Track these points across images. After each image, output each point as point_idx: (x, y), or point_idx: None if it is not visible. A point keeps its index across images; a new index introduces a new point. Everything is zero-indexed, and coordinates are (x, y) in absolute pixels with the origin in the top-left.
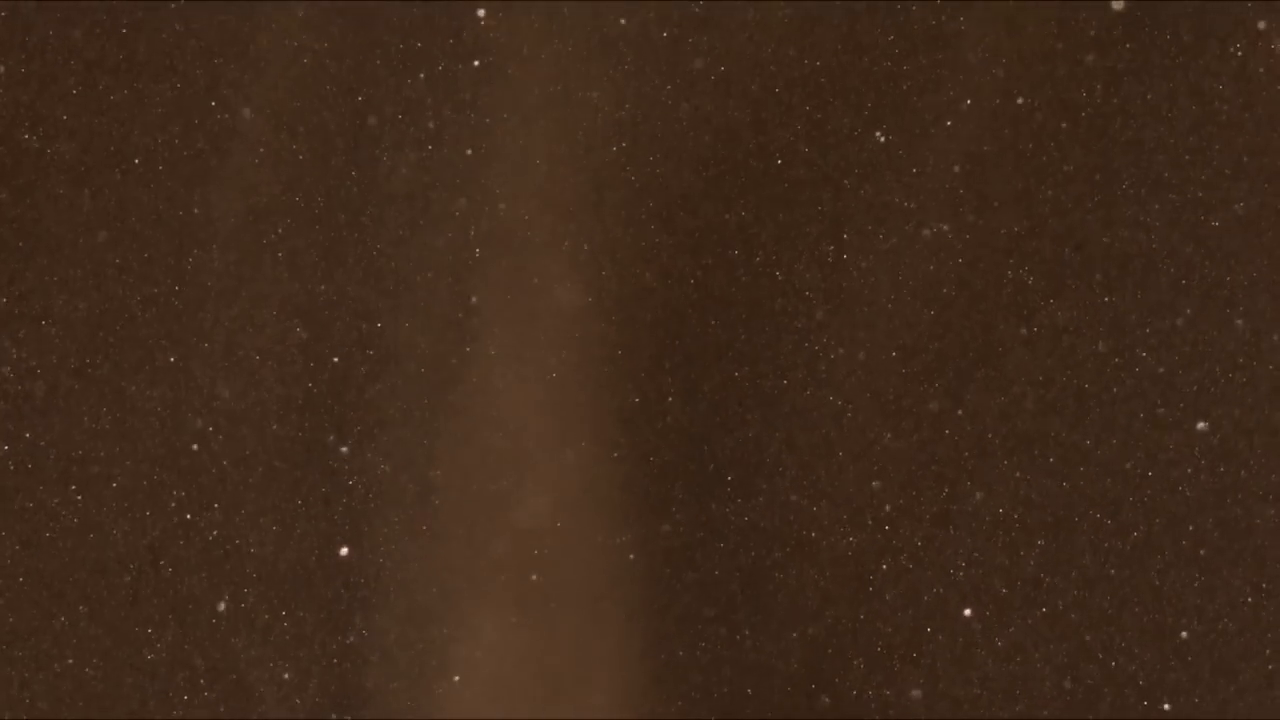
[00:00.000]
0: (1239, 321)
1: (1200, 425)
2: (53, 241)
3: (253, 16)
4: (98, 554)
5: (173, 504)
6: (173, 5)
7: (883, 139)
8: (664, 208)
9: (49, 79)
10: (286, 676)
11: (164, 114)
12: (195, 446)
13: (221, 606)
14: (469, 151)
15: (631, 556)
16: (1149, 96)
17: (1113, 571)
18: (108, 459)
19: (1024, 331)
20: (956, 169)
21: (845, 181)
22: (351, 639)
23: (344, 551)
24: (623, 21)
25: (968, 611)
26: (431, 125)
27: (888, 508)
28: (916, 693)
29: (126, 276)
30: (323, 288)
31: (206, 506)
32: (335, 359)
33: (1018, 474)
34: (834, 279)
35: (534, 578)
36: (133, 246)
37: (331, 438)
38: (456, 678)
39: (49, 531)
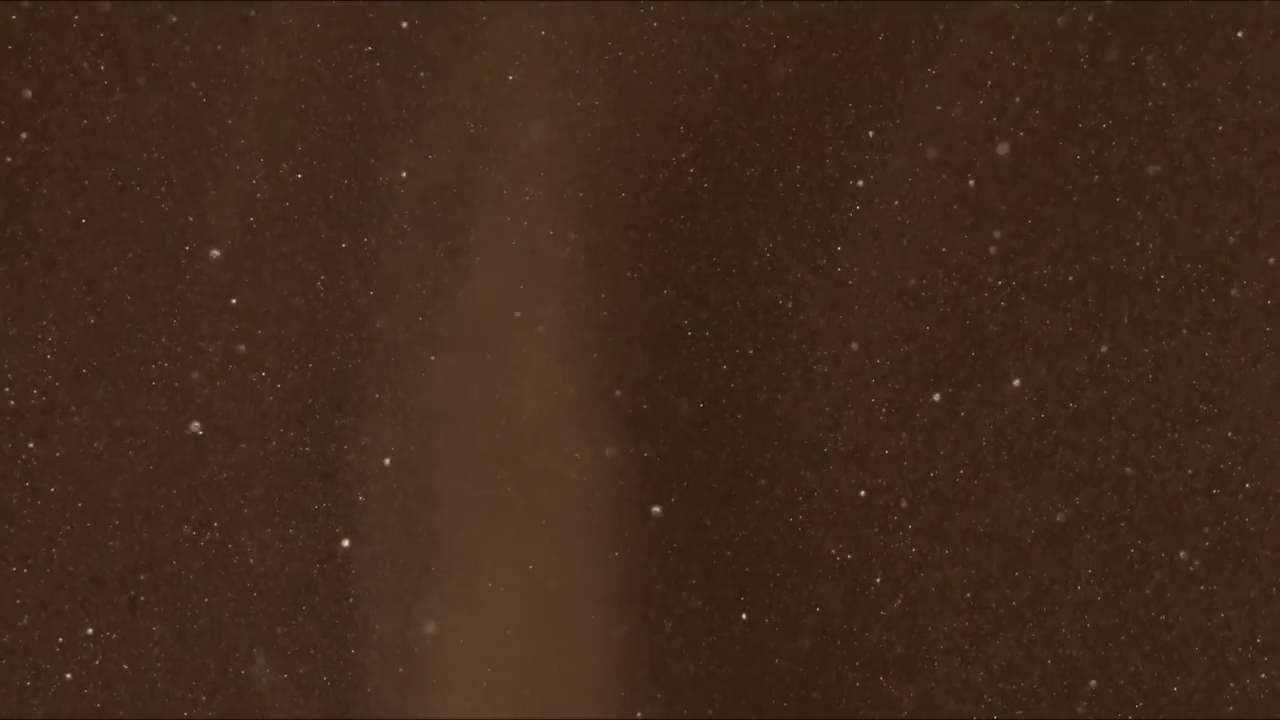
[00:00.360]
0: (1236, 335)
1: (1198, 441)
2: (47, 257)
3: (247, 23)
4: (96, 568)
5: (172, 518)
6: (165, 23)
7: (877, 145)
8: (661, 214)
9: (42, 94)
10: (289, 688)
11: (159, 124)
12: (194, 460)
13: (223, 619)
14: (467, 157)
15: (627, 566)
16: (1146, 105)
17: (1108, 588)
18: (105, 474)
19: (1019, 346)
20: (952, 178)
21: (841, 190)
22: (353, 650)
23: (343, 553)
24: (623, 25)
25: (962, 627)
26: (431, 130)
27: (881, 522)
28: (909, 706)
29: (123, 290)
30: (321, 295)
31: (206, 519)
32: (333, 368)
33: (1012, 489)
34: (829, 290)
35: (530, 585)
36: (128, 261)
37: (332, 448)
38: (454, 682)
39: (47, 547)
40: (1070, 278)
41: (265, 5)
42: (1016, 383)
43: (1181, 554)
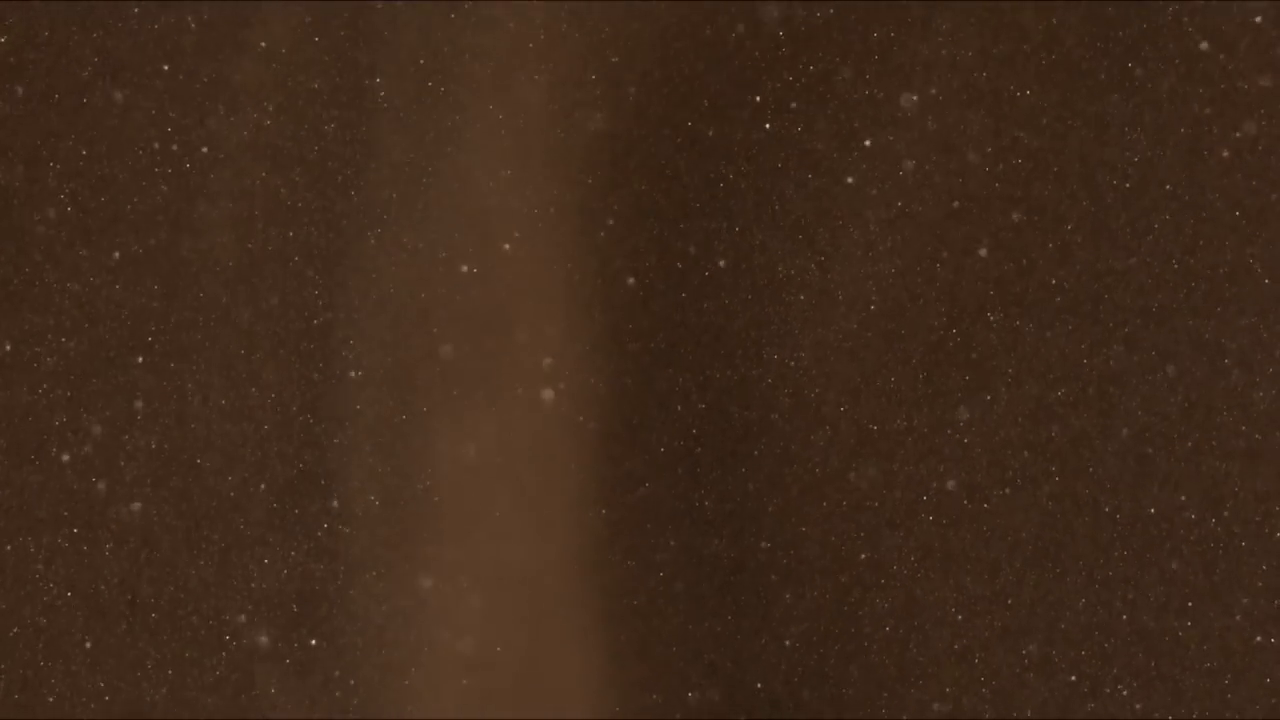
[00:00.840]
0: (1232, 358)
1: (1193, 463)
2: (45, 281)
3: (241, 34)
4: (94, 593)
5: (170, 542)
6: (160, 40)
7: (872, 155)
8: (656, 224)
9: (36, 117)
10: (292, 705)
11: (153, 143)
12: (192, 484)
13: (225, 641)
14: (463, 167)
15: (621, 586)
16: (1141, 120)
17: (1101, 611)
18: (103, 500)
19: (1011, 370)
20: (942, 188)
21: (835, 199)
22: (360, 667)
23: (344, 571)
24: (622, 27)
25: (953, 648)
26: (430, 134)
27: (872, 547)
28: None
29: (120, 313)
30: (319, 308)
31: (204, 543)
32: (333, 381)
33: (1004, 510)
34: (822, 305)
35: (526, 600)
36: (125, 284)
37: (332, 465)
38: (453, 694)
39: (45, 573)
40: (1061, 298)
41: (260, 11)
42: (1008, 408)
43: (1176, 577)
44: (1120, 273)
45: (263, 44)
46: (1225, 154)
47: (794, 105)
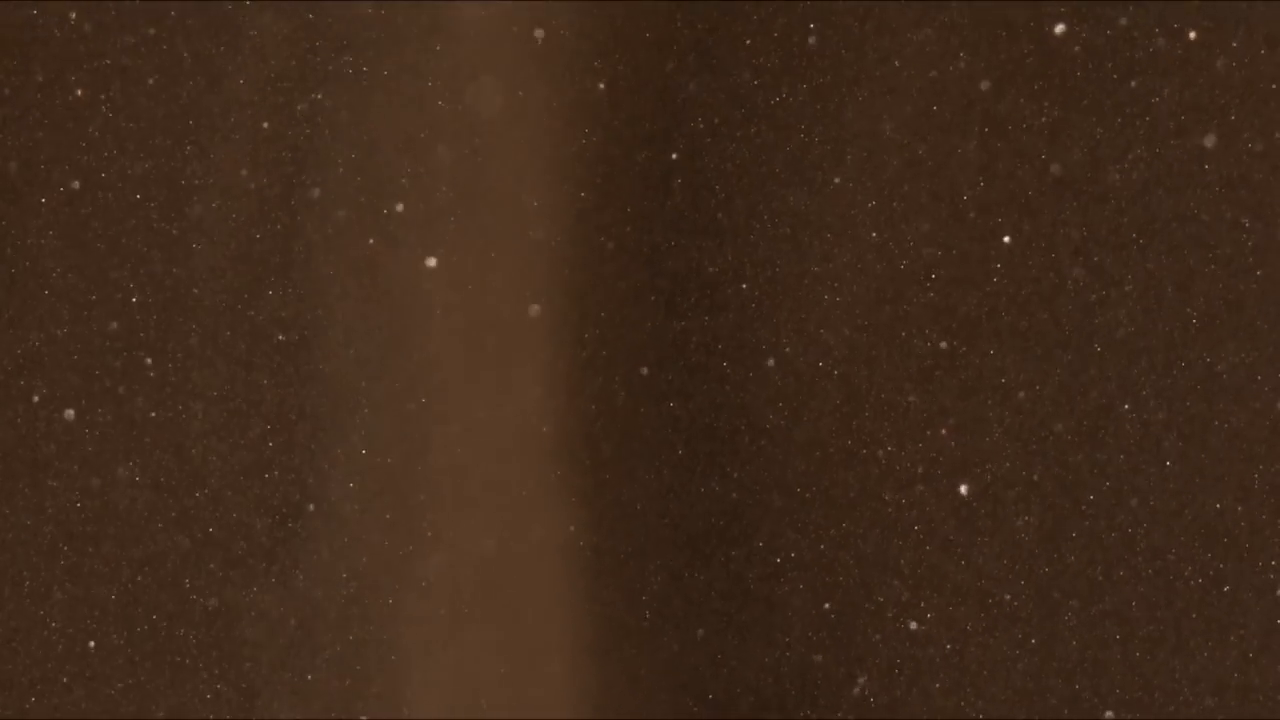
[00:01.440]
0: (1225, 390)
1: (1187, 505)
2: (40, 305)
3: (235, 44)
4: (94, 617)
5: (171, 565)
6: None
7: (863, 169)
8: (650, 230)
9: (30, 149)
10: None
11: (144, 160)
12: (188, 513)
13: (226, 662)
14: (462, 170)
15: (609, 618)
16: (1135, 131)
17: (1096, 646)
18: (98, 534)
19: (1002, 394)
20: (935, 204)
21: (827, 216)
22: (359, 683)
23: (344, 594)
24: (618, 27)
25: (946, 673)
26: (428, 146)
27: (861, 566)
28: None
29: (116, 339)
30: (320, 320)
31: (200, 569)
32: (331, 403)
33: (997, 538)
34: (813, 324)
35: (518, 611)
36: (119, 312)
37: (331, 483)
38: (444, 702)
39: (44, 598)
40: (1054, 334)
41: (254, 19)
42: (998, 425)
43: (1169, 609)
44: (1114, 301)
45: (257, 53)
46: (1221, 176)
47: (791, 114)
